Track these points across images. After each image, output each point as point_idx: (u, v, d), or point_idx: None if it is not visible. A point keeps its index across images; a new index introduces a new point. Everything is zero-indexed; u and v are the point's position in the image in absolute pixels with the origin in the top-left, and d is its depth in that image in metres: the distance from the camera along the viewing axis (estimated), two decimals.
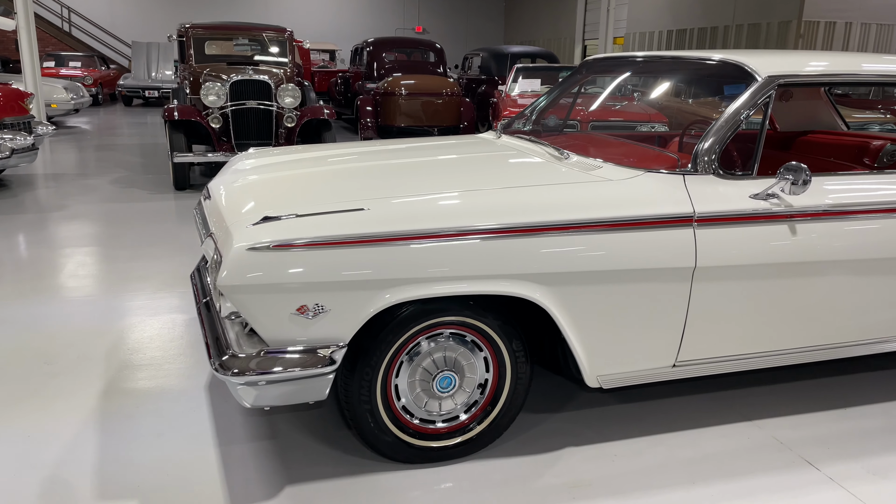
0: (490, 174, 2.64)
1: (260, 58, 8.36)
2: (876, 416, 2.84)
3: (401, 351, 2.30)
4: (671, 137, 4.00)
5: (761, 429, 2.72)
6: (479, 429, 2.45)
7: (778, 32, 13.13)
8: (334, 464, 2.42)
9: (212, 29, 8.29)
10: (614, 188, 2.42)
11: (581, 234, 2.27)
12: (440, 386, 2.37)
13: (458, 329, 2.35)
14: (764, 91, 2.54)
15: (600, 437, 2.63)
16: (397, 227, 2.11)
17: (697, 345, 2.53)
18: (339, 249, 2.06)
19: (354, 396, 2.27)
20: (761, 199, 2.47)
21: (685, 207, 2.38)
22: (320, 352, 2.09)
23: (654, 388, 3.00)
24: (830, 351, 2.70)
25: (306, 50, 17.23)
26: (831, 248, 2.52)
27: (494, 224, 2.19)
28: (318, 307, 2.07)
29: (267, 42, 8.46)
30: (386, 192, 2.35)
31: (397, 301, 2.12)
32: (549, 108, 3.80)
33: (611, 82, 3.91)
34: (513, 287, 2.22)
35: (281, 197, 2.38)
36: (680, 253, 2.36)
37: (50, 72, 18.09)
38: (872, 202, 2.57)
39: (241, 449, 2.50)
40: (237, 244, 2.03)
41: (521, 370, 2.43)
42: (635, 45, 17.90)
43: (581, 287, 2.31)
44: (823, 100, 4.34)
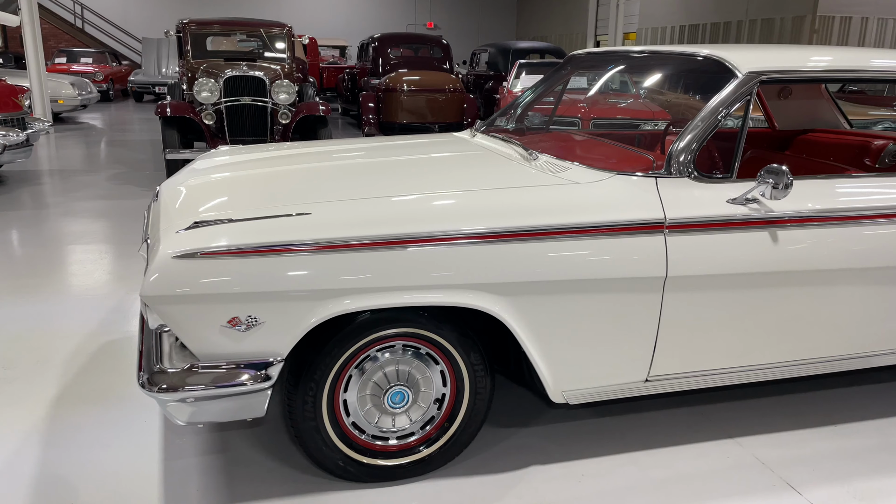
0: (450, 176, 2.49)
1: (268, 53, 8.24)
2: (867, 435, 2.66)
3: (349, 364, 2.16)
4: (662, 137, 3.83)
5: (742, 447, 2.56)
6: (435, 446, 2.31)
7: (792, 28, 12.83)
8: (281, 482, 2.29)
9: (209, 24, 8.19)
10: (580, 191, 2.27)
11: (541, 242, 2.12)
12: (392, 401, 2.23)
13: (411, 341, 2.21)
14: (744, 88, 2.37)
15: (568, 455, 2.48)
16: (337, 234, 1.97)
17: (671, 359, 2.37)
18: (274, 257, 1.92)
19: (298, 412, 2.14)
20: (739, 203, 2.30)
21: (655, 213, 2.22)
22: (254, 367, 1.96)
23: (631, 402, 2.84)
24: (816, 366, 2.53)
25: (315, 45, 17.12)
26: (816, 256, 2.35)
27: (446, 230, 2.04)
28: (252, 319, 1.93)
29: (265, 37, 8.35)
30: (335, 194, 2.21)
31: (338, 313, 1.98)
32: (534, 105, 3.64)
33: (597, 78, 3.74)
34: (467, 298, 2.08)
35: (225, 200, 2.25)
36: (649, 262, 2.20)
37: (61, 67, 18.19)
38: (861, 207, 2.40)
39: (187, 464, 2.38)
40: (162, 251, 1.90)
41: (481, 384, 2.29)
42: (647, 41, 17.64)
43: (542, 298, 2.16)
44: (825, 97, 4.14)
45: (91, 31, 23.13)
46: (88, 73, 17.84)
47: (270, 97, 7.20)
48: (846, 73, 2.48)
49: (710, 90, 2.46)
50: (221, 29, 8.21)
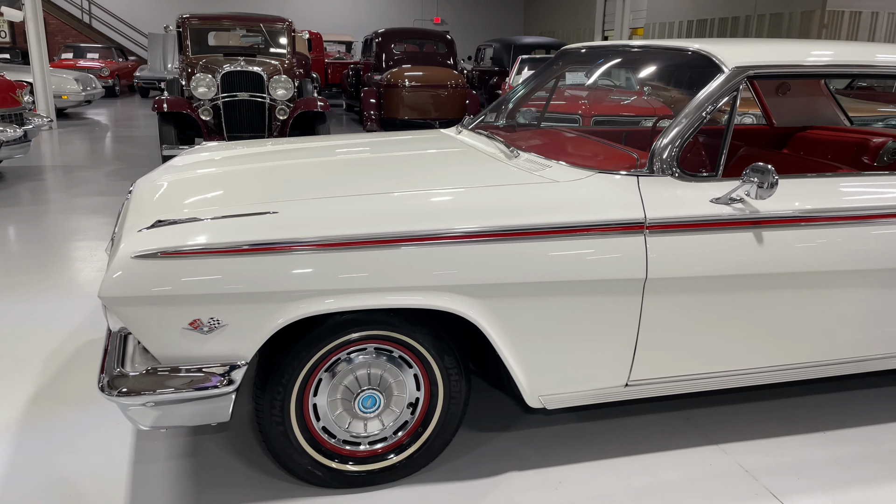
0: (426, 175, 2.43)
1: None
2: (858, 442, 2.58)
3: (318, 367, 2.11)
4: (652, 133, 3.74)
5: (727, 454, 2.48)
6: (409, 451, 2.26)
7: (801, 22, 12.66)
8: (250, 486, 2.24)
9: (208, 19, 8.16)
10: (558, 190, 2.20)
11: (516, 242, 2.05)
12: (363, 406, 2.17)
13: (383, 344, 2.15)
14: (731, 83, 2.30)
15: (546, 461, 2.42)
16: (302, 234, 1.91)
17: (652, 363, 2.30)
18: (237, 258, 1.86)
19: (266, 416, 2.09)
20: (723, 203, 2.23)
21: (635, 212, 2.15)
22: (217, 370, 1.91)
23: (615, 406, 2.77)
24: (803, 371, 2.45)
25: (320, 41, 17.08)
26: (803, 258, 2.27)
27: (416, 230, 1.98)
28: (214, 322, 1.88)
29: (265, 33, 8.30)
30: (306, 192, 2.15)
31: (303, 316, 1.92)
32: (526, 101, 3.57)
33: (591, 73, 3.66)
34: (438, 300, 2.02)
35: (194, 197, 2.20)
36: (628, 263, 2.13)
37: (68, 63, 18.24)
38: (850, 207, 2.32)
39: (156, 468, 2.33)
40: (122, 251, 1.85)
41: (456, 389, 2.23)
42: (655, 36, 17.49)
43: (517, 300, 2.09)
44: (824, 93, 4.04)
45: (98, 27, 23.18)
46: (94, 68, 17.88)
47: (268, 93, 7.15)
48: (838, 69, 2.39)
49: (698, 85, 2.38)
50: (221, 24, 8.18)
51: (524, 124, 3.34)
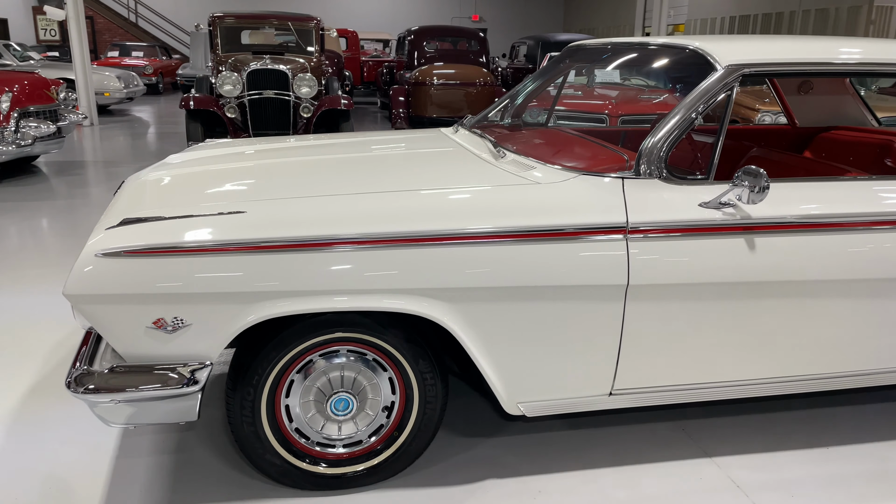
0: (405, 175, 2.39)
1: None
2: (860, 459, 2.45)
3: (290, 369, 2.09)
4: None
5: (719, 467, 2.39)
6: (383, 456, 2.22)
7: (847, 18, 12.21)
8: (227, 485, 2.23)
9: (237, 18, 8.26)
10: (539, 192, 2.14)
11: (489, 245, 2.00)
12: (335, 408, 2.15)
13: (356, 346, 2.12)
14: (724, 82, 2.20)
15: (528, 470, 2.36)
16: (267, 234, 1.89)
17: (637, 372, 2.22)
18: (200, 257, 1.86)
19: (236, 416, 2.08)
20: (712, 208, 2.13)
21: (617, 216, 2.08)
22: (180, 370, 1.91)
23: (607, 414, 2.69)
24: (798, 384, 2.34)
25: (356, 39, 17.17)
26: (797, 266, 2.16)
27: (383, 232, 1.95)
28: (178, 321, 1.88)
29: (293, 31, 8.36)
30: (281, 192, 2.14)
31: (268, 317, 1.90)
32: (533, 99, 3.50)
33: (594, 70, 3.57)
34: (406, 303, 1.98)
35: (170, 196, 2.20)
36: (609, 268, 2.06)
37: (114, 61, 18.75)
38: (848, 213, 2.19)
39: (138, 463, 2.35)
40: (87, 249, 1.86)
41: (431, 393, 2.18)
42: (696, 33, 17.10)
43: (491, 304, 2.04)
44: (850, 92, 3.87)
45: (145, 26, 23.74)
46: (138, 66, 18.31)
47: (293, 91, 7.20)
48: (839, 67, 2.27)
49: (693, 84, 2.29)
50: (250, 22, 8.27)
51: (524, 124, 3.27)
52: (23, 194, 6.57)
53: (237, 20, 8.23)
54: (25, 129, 6.76)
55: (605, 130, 3.57)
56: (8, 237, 5.13)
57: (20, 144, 6.68)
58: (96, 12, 22.80)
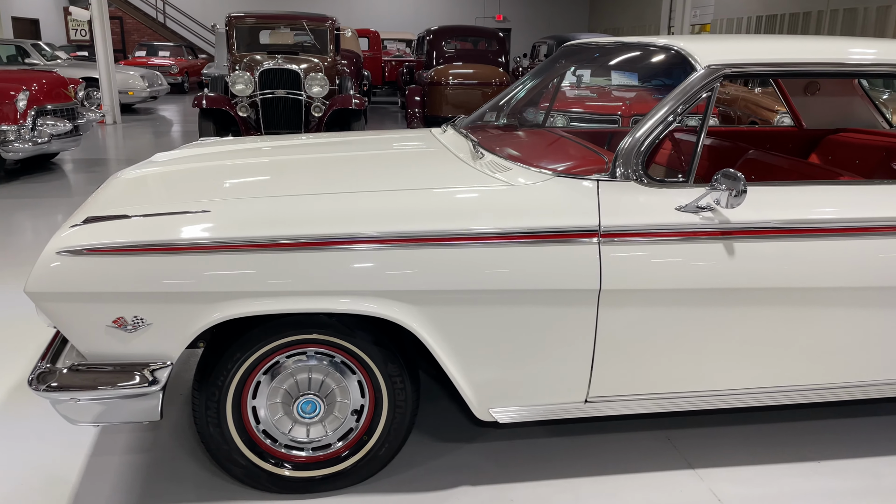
0: (379, 175, 2.35)
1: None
2: (852, 475, 2.36)
3: (256, 370, 2.07)
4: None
5: (702, 479, 2.31)
6: (352, 460, 2.19)
7: (876, 18, 11.91)
8: (197, 486, 2.22)
9: (253, 18, 8.30)
10: (511, 194, 2.09)
11: (456, 247, 1.96)
12: (302, 410, 2.12)
13: (324, 348, 2.09)
14: (703, 83, 2.13)
15: (503, 477, 2.31)
16: (228, 234, 1.87)
17: (614, 379, 2.16)
18: (160, 256, 1.84)
19: (201, 416, 2.06)
20: (689, 211, 2.06)
21: (589, 219, 2.02)
22: (140, 369, 1.89)
23: (589, 422, 2.63)
24: (783, 395, 2.25)
25: (377, 39, 17.21)
26: (779, 272, 2.08)
27: (349, 232, 1.92)
28: (138, 320, 1.87)
29: (308, 31, 8.39)
30: (250, 191, 2.12)
31: (228, 317, 1.88)
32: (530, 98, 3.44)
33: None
34: (370, 306, 1.94)
35: (140, 194, 2.19)
36: (580, 272, 2.00)
37: (141, 60, 19.04)
38: (831, 219, 2.11)
39: (111, 461, 2.35)
40: (48, 247, 1.86)
41: (401, 397, 2.14)
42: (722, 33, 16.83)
43: (459, 308, 2.00)
44: (859, 93, 3.74)
45: (172, 26, 24.06)
46: (164, 66, 18.56)
47: (304, 90, 7.22)
48: (824, 67, 2.18)
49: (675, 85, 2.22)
50: (265, 22, 8.31)
51: (515, 124, 3.21)
52: (40, 191, 6.68)
53: (252, 20, 8.29)
54: (42, 127, 6.87)
55: (602, 131, 3.50)
56: (23, 232, 5.22)
57: (37, 142, 6.79)
58: (125, 13, 23.18)
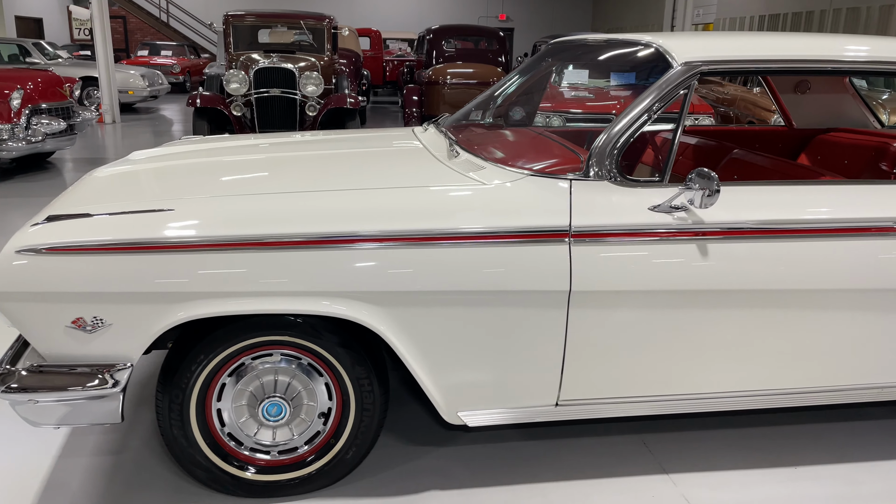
0: (350, 174, 2.31)
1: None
2: (828, 481, 2.31)
3: (220, 372, 2.04)
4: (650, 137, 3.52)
5: (675, 485, 2.27)
6: (319, 464, 2.15)
7: (879, 17, 11.83)
8: (163, 489, 2.19)
9: (250, 16, 8.28)
10: (482, 193, 2.05)
11: (425, 248, 1.92)
12: (268, 413, 2.09)
13: (290, 350, 2.06)
14: (679, 80, 2.09)
15: (474, 482, 2.27)
16: (190, 233, 1.85)
17: (585, 382, 2.12)
18: (122, 256, 1.81)
19: (165, 418, 2.03)
20: (662, 211, 2.03)
21: (560, 219, 1.98)
22: (99, 370, 1.87)
23: (564, 426, 2.59)
24: (759, 399, 2.21)
25: (379, 38, 17.18)
26: (754, 274, 2.04)
27: (312, 232, 1.88)
28: (98, 321, 1.84)
29: (305, 29, 8.36)
30: (215, 190, 2.08)
31: (189, 318, 1.85)
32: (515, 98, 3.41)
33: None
34: (335, 307, 1.91)
35: (106, 193, 2.16)
36: (550, 273, 1.97)
37: (143, 59, 19.05)
38: (808, 220, 2.07)
39: (78, 463, 2.32)
40: (7, 246, 1.83)
41: (368, 400, 2.11)
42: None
43: (427, 310, 1.96)
44: (850, 92, 3.69)
45: (175, 25, 24.09)
46: (166, 65, 18.58)
47: (299, 89, 7.19)
48: (803, 64, 2.14)
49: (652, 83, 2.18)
50: (262, 21, 8.29)
51: (498, 123, 3.18)
52: (34, 190, 6.67)
53: (249, 19, 8.27)
54: (37, 126, 6.86)
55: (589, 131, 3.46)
56: (16, 231, 5.20)
57: (31, 141, 6.78)
58: (129, 12, 23.21)
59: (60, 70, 13.25)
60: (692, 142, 3.26)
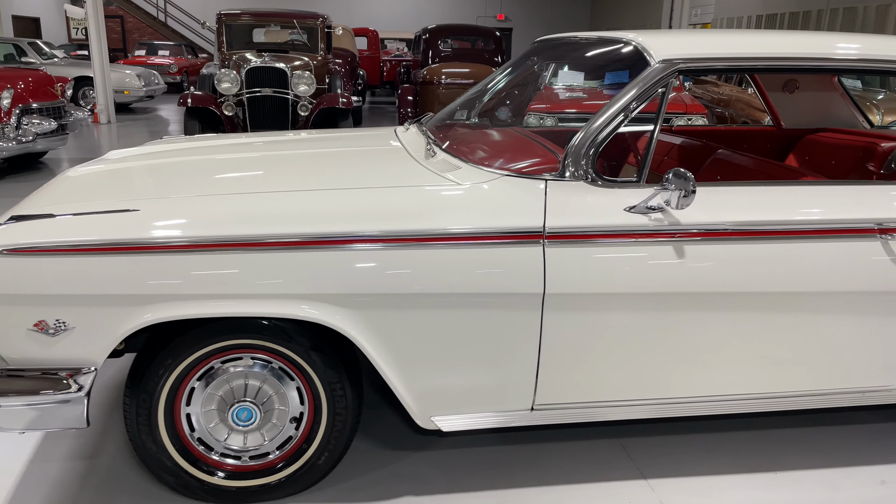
0: (324, 175, 2.28)
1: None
2: (811, 486, 2.28)
3: (189, 375, 2.01)
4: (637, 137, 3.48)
5: (653, 490, 2.24)
6: (291, 469, 2.12)
7: (876, 17, 11.79)
8: (131, 494, 2.16)
9: (243, 16, 8.25)
10: (455, 194, 2.02)
11: (395, 249, 1.89)
12: (237, 418, 2.06)
13: (261, 354, 2.03)
14: (657, 78, 2.05)
15: (449, 487, 2.24)
16: (153, 234, 1.81)
17: (561, 386, 2.09)
18: (84, 257, 1.78)
19: (132, 423, 2.00)
20: (639, 212, 1.99)
21: (534, 220, 1.95)
22: (62, 375, 1.83)
23: (543, 430, 2.55)
24: (737, 403, 2.18)
25: (376, 38, 17.14)
26: (731, 276, 2.01)
27: (279, 233, 1.85)
28: (60, 324, 1.80)
29: (298, 28, 8.33)
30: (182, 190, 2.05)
31: (154, 321, 1.82)
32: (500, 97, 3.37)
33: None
34: (303, 310, 1.88)
35: (74, 193, 2.13)
36: (524, 276, 1.93)
37: (140, 59, 19.01)
38: (788, 221, 2.03)
39: (49, 468, 2.28)
40: None
41: (340, 404, 2.08)
42: None
43: (398, 313, 1.93)
44: (839, 91, 3.66)
45: (174, 25, 24.04)
46: (164, 65, 18.53)
47: (291, 89, 7.16)
48: (781, 62, 2.10)
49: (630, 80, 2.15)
50: (255, 20, 8.26)
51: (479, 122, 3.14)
52: (25, 190, 6.62)
53: (242, 18, 8.23)
54: (27, 126, 6.83)
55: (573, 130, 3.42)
56: None
57: (21, 141, 6.75)
58: (126, 12, 23.16)
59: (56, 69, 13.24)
60: (677, 142, 3.23)
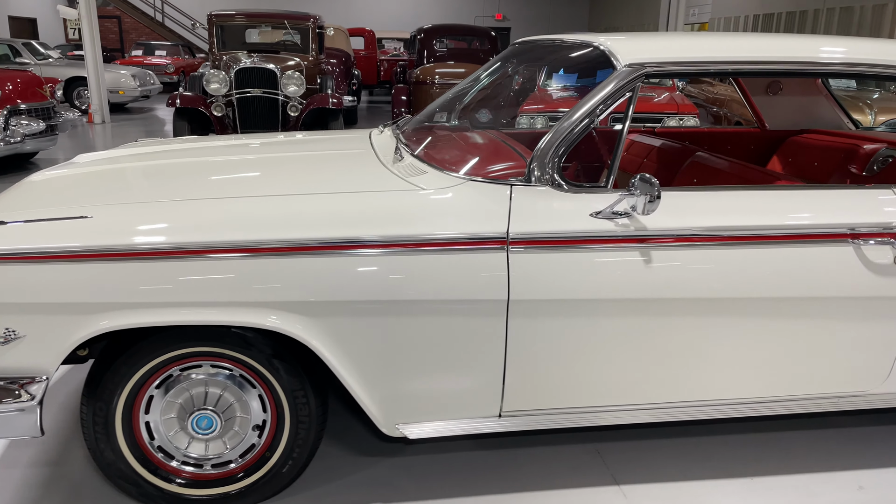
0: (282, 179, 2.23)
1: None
2: (788, 492, 2.24)
3: (147, 383, 1.97)
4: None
5: (626, 496, 2.20)
6: (253, 478, 2.09)
7: (872, 17, 11.75)
8: (95, 501, 2.13)
9: (234, 16, 8.22)
10: (418, 199, 1.99)
11: (357, 256, 1.86)
12: (198, 426, 2.02)
13: (220, 361, 1.99)
14: (623, 82, 2.02)
15: (419, 494, 2.20)
16: (105, 241, 1.78)
17: (529, 392, 2.06)
18: (33, 265, 1.75)
19: (89, 431, 1.97)
20: (604, 218, 1.96)
21: (497, 226, 1.92)
22: (13, 384, 1.80)
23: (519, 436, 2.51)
24: (706, 409, 2.15)
25: (373, 38, 17.10)
26: (697, 282, 1.98)
27: (235, 240, 1.82)
28: (10, 332, 1.77)
29: (289, 29, 8.29)
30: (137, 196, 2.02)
31: (105, 330, 1.79)
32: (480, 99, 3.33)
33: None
34: (260, 318, 1.84)
35: (29, 199, 2.09)
36: (487, 282, 1.90)
37: (137, 59, 18.99)
38: (756, 226, 1.99)
39: (14, 474, 2.25)
40: None
41: (303, 412, 2.04)
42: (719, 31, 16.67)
43: (359, 320, 1.90)
44: (823, 93, 3.62)
45: (171, 25, 24.03)
46: (160, 65, 18.51)
47: (281, 89, 7.13)
48: (750, 65, 2.07)
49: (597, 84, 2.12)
50: (246, 21, 8.22)
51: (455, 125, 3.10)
52: None
53: (233, 18, 8.20)
54: (15, 127, 6.80)
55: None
56: None
57: (9, 142, 6.72)
58: (124, 12, 23.16)
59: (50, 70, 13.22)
60: (657, 144, 3.19)
